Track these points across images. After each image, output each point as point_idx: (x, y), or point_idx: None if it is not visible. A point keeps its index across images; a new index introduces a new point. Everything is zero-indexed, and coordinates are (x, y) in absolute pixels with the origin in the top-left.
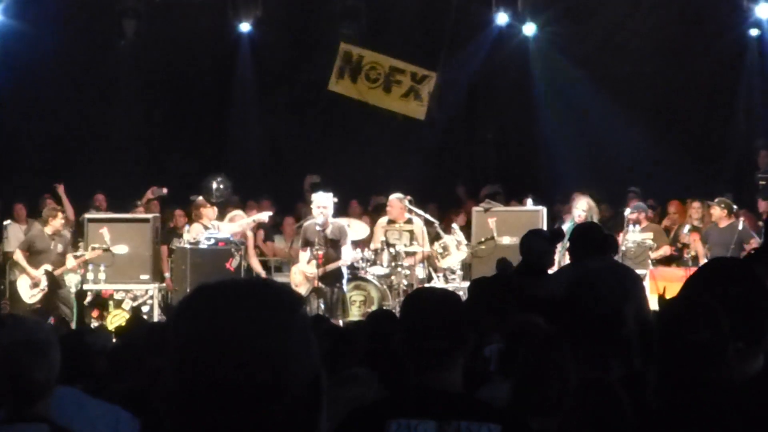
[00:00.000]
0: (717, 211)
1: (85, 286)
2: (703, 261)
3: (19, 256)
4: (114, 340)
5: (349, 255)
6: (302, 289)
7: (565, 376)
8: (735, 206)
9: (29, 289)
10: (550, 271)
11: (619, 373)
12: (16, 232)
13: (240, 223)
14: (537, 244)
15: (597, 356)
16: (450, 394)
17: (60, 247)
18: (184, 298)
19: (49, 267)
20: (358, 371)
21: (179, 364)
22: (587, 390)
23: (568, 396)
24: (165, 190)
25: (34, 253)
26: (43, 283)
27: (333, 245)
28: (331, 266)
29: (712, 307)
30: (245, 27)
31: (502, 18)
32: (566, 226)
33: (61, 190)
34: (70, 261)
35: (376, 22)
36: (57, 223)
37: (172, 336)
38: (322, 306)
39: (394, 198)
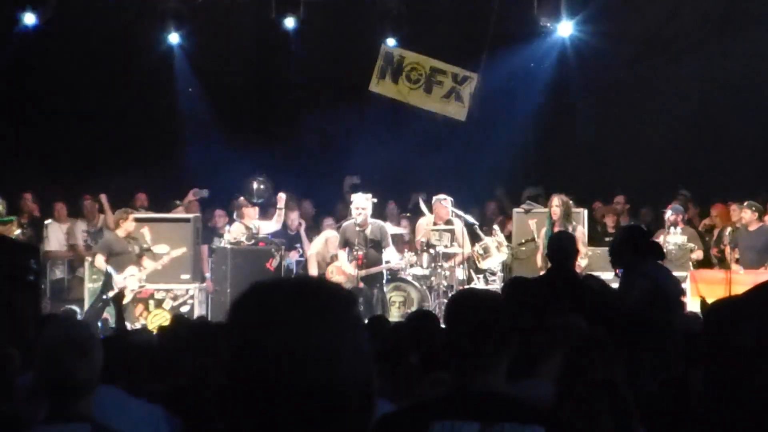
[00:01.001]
0: (747, 214)
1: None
2: (733, 265)
3: (100, 262)
4: (155, 340)
5: (393, 257)
6: None
7: (609, 377)
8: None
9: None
10: None
11: (662, 377)
12: (56, 231)
13: (275, 218)
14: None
15: (642, 360)
16: (494, 395)
17: (137, 249)
18: (238, 297)
19: (136, 270)
20: (442, 375)
21: (233, 362)
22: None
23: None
24: (206, 192)
25: (113, 257)
26: (133, 284)
27: (374, 246)
28: (376, 269)
29: (759, 309)
30: (289, 23)
31: (563, 29)
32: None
33: (103, 199)
34: (149, 263)
35: (418, 23)
36: (129, 225)
37: (226, 335)
38: (362, 306)
39: (437, 199)
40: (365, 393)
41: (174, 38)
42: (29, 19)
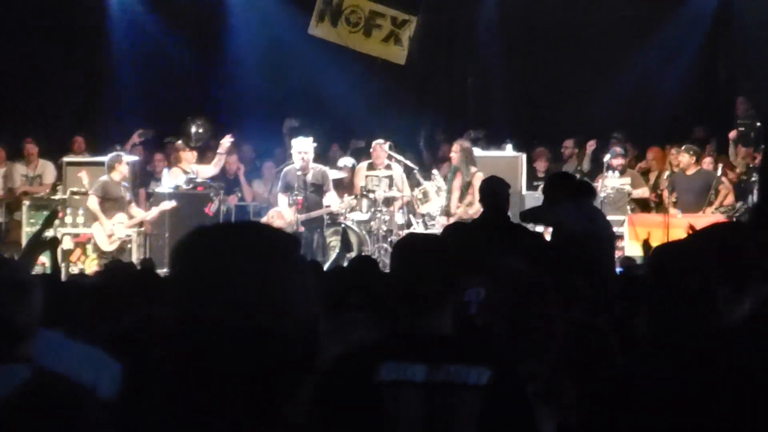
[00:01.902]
0: (685, 158)
1: (64, 230)
2: (670, 209)
3: (93, 204)
4: (95, 283)
5: (334, 202)
6: None
7: (551, 321)
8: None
9: (106, 238)
10: None
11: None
12: None
13: (214, 162)
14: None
15: (585, 302)
16: (440, 337)
17: (128, 195)
18: (181, 241)
19: (125, 218)
20: (359, 315)
21: (178, 307)
22: (577, 334)
23: (556, 340)
24: (151, 133)
25: (107, 201)
26: (120, 232)
27: (315, 190)
28: (317, 212)
29: (703, 253)
30: None
31: None
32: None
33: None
34: (138, 211)
35: None
36: (123, 168)
37: (170, 279)
38: (303, 250)
39: (377, 143)
40: (310, 335)
41: None
42: None
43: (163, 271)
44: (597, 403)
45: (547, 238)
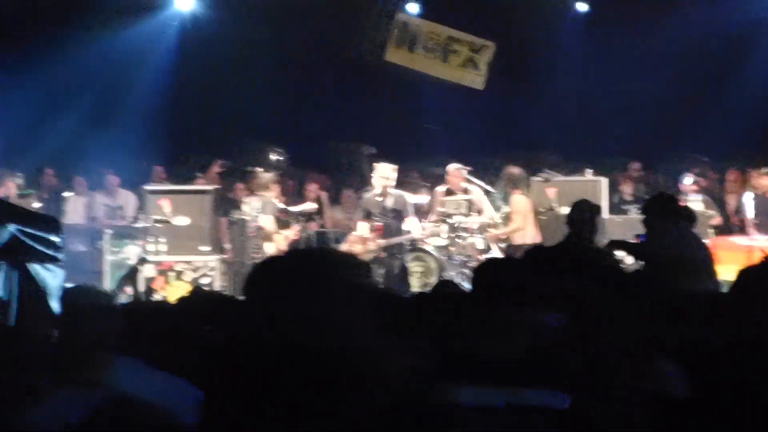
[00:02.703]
0: (765, 181)
1: (146, 258)
2: (752, 231)
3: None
4: (175, 311)
5: (415, 227)
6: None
7: (629, 347)
8: None
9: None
10: None
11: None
12: (75, 203)
13: (293, 208)
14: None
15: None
16: (518, 362)
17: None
18: (253, 269)
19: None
20: (419, 341)
21: (246, 331)
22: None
23: (633, 366)
24: (230, 163)
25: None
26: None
27: (395, 216)
28: (398, 239)
29: None
30: None
31: None
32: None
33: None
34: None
35: None
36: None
37: (240, 305)
38: (383, 277)
39: (453, 168)
40: (366, 357)
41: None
42: None
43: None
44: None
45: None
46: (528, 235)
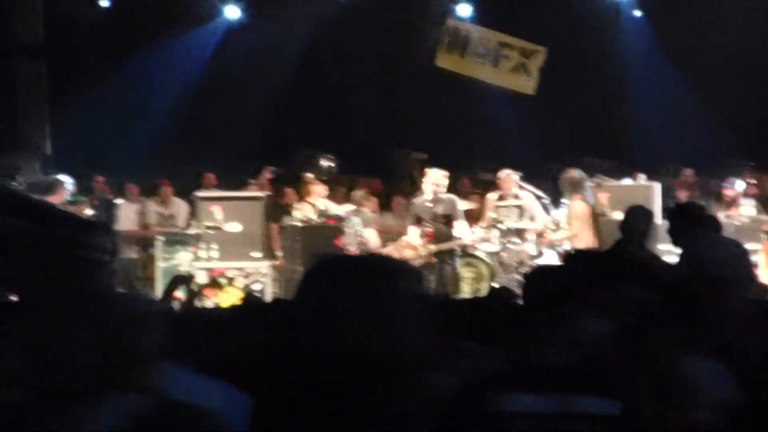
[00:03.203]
0: None
1: (198, 265)
2: None
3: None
4: (227, 317)
5: (465, 232)
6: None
7: (674, 354)
8: None
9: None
10: None
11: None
12: (127, 210)
13: (344, 208)
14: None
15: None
16: (566, 368)
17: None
18: (305, 273)
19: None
20: (471, 344)
21: (298, 334)
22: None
23: (678, 373)
24: (281, 170)
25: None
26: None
27: (445, 222)
28: (449, 244)
29: None
30: None
31: None
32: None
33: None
34: None
35: None
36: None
37: (293, 309)
38: (434, 283)
39: (505, 173)
40: (418, 363)
41: (232, 12)
42: None
43: None
44: None
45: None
46: (585, 240)
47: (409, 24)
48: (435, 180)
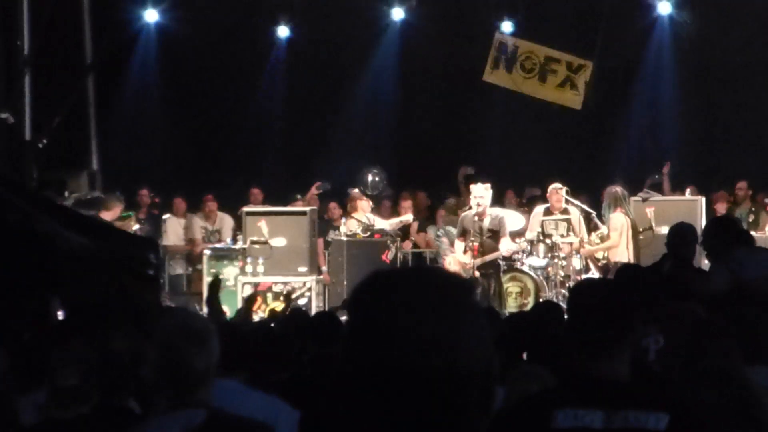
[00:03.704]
0: None
1: (244, 279)
2: None
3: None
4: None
5: (507, 246)
6: None
7: (730, 365)
8: None
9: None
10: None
11: None
12: (174, 225)
13: (390, 222)
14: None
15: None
16: (617, 383)
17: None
18: (359, 285)
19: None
20: (526, 367)
21: (356, 349)
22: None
23: (734, 383)
24: (329, 185)
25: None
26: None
27: (492, 236)
28: (489, 257)
29: None
30: (398, 14)
31: (663, 7)
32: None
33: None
34: None
35: (532, 12)
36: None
37: (348, 323)
38: (479, 296)
39: (553, 188)
40: (485, 380)
41: (282, 32)
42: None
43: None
44: None
45: None
46: (622, 253)
47: (459, 39)
48: (477, 194)
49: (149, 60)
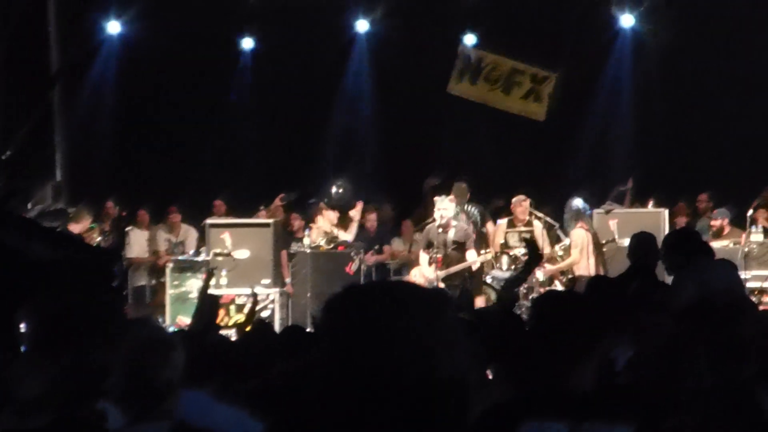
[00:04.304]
0: None
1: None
2: None
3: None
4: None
5: (474, 257)
6: None
7: (699, 376)
8: None
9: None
10: None
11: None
12: (138, 237)
13: (350, 230)
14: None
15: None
16: (582, 395)
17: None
18: (332, 299)
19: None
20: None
21: (331, 362)
22: (723, 391)
23: (703, 396)
24: (293, 195)
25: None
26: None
27: (457, 247)
28: (455, 268)
29: None
30: (362, 26)
31: (626, 20)
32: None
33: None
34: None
35: (496, 24)
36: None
37: (324, 335)
38: None
39: (518, 200)
40: (462, 388)
41: (247, 43)
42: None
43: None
44: None
45: None
46: (584, 267)
47: (424, 51)
48: (440, 205)
49: (109, 71)
